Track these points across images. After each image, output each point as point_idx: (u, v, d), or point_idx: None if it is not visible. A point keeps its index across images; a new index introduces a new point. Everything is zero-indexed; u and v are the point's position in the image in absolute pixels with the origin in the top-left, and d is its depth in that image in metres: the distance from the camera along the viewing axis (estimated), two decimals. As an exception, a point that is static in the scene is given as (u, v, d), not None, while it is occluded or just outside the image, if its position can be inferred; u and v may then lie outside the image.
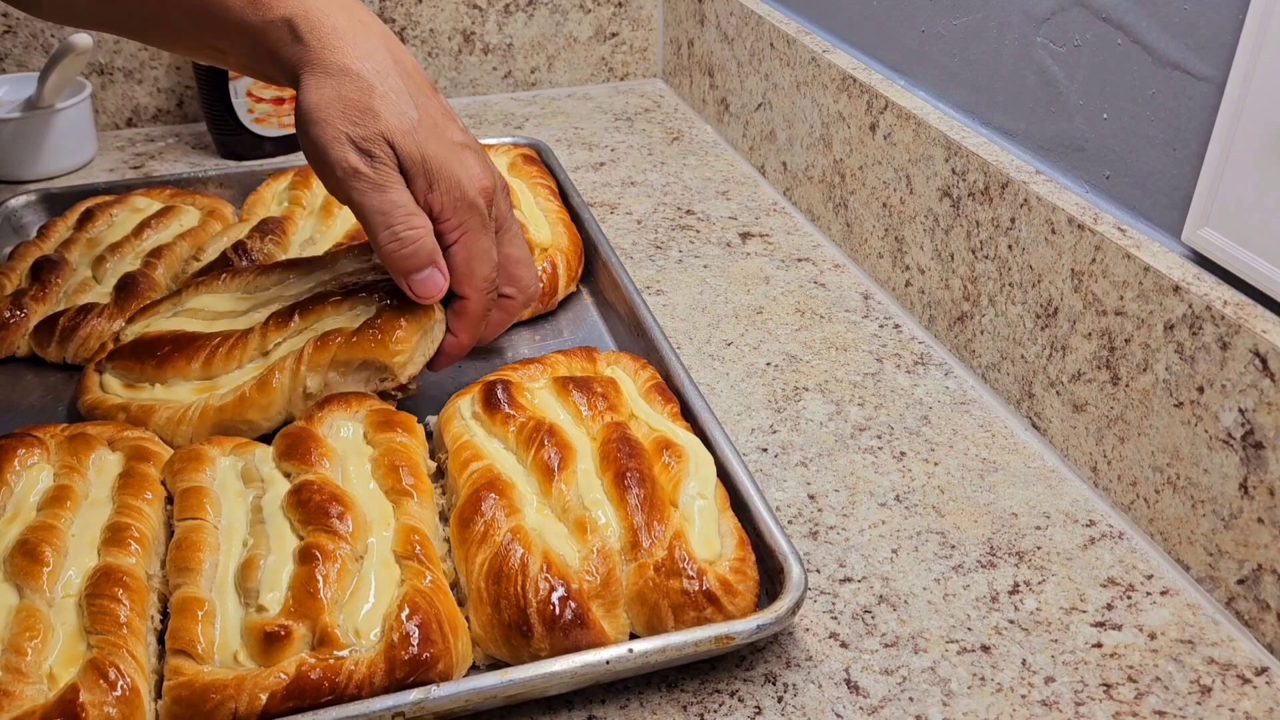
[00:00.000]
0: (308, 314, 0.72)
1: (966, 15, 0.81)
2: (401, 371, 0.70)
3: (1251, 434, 0.57)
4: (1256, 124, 0.57)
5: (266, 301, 0.76)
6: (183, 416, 0.69)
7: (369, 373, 0.70)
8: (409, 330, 0.70)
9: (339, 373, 0.70)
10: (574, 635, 0.55)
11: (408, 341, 0.69)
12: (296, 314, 0.72)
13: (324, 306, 0.72)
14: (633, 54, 1.37)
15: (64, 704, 0.49)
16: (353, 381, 0.70)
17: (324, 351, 0.69)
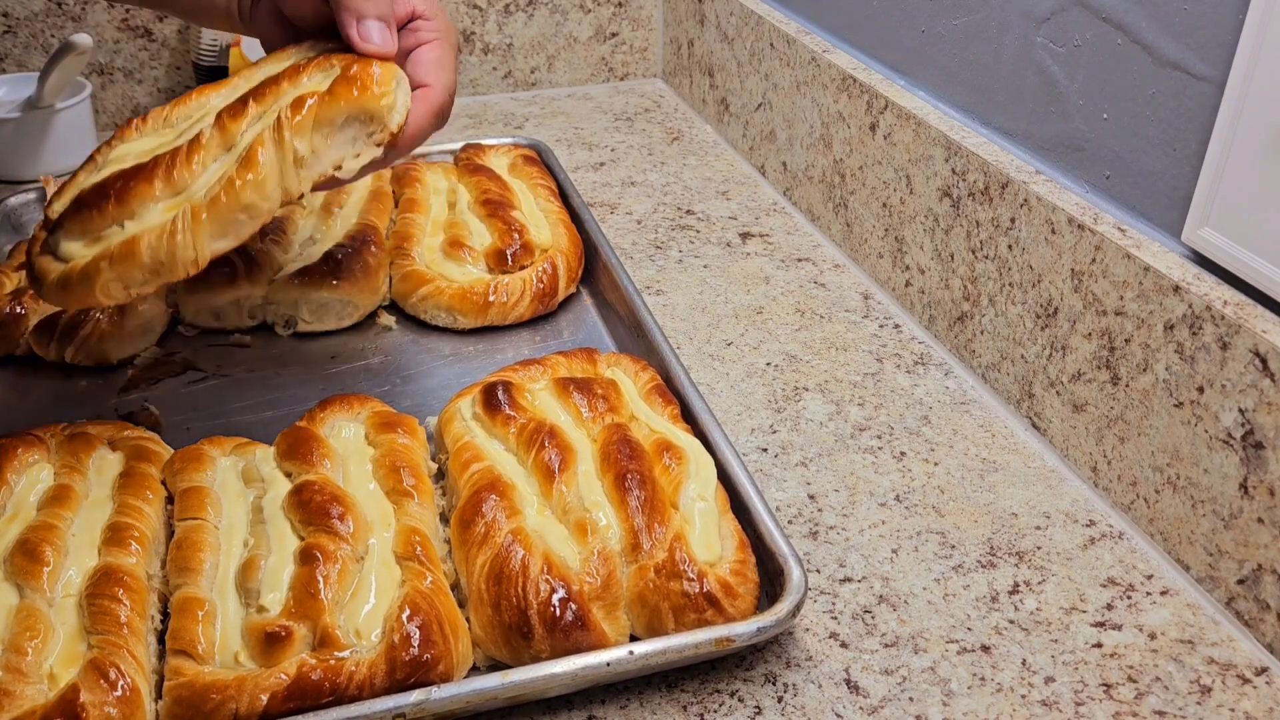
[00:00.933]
0: (263, 97, 0.63)
1: (966, 15, 0.81)
2: (390, 117, 0.63)
3: (1251, 434, 0.57)
4: (1256, 124, 0.57)
5: (198, 120, 0.65)
6: (172, 229, 0.59)
7: (355, 129, 0.63)
8: (386, 72, 0.64)
9: (323, 135, 0.62)
10: (574, 637, 0.55)
11: (388, 83, 0.64)
12: (251, 100, 0.63)
13: (279, 85, 0.64)
14: (633, 54, 1.37)
15: (64, 704, 0.49)
16: (339, 143, 0.63)
17: (307, 112, 0.61)
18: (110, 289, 0.59)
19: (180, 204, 0.60)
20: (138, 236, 0.59)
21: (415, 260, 0.87)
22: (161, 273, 0.59)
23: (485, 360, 0.82)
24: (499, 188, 0.94)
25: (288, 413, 0.74)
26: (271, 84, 0.64)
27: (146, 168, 0.61)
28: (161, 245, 0.59)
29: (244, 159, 0.60)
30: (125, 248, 0.59)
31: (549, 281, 0.86)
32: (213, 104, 0.66)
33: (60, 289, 0.59)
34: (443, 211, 0.94)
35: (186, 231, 0.59)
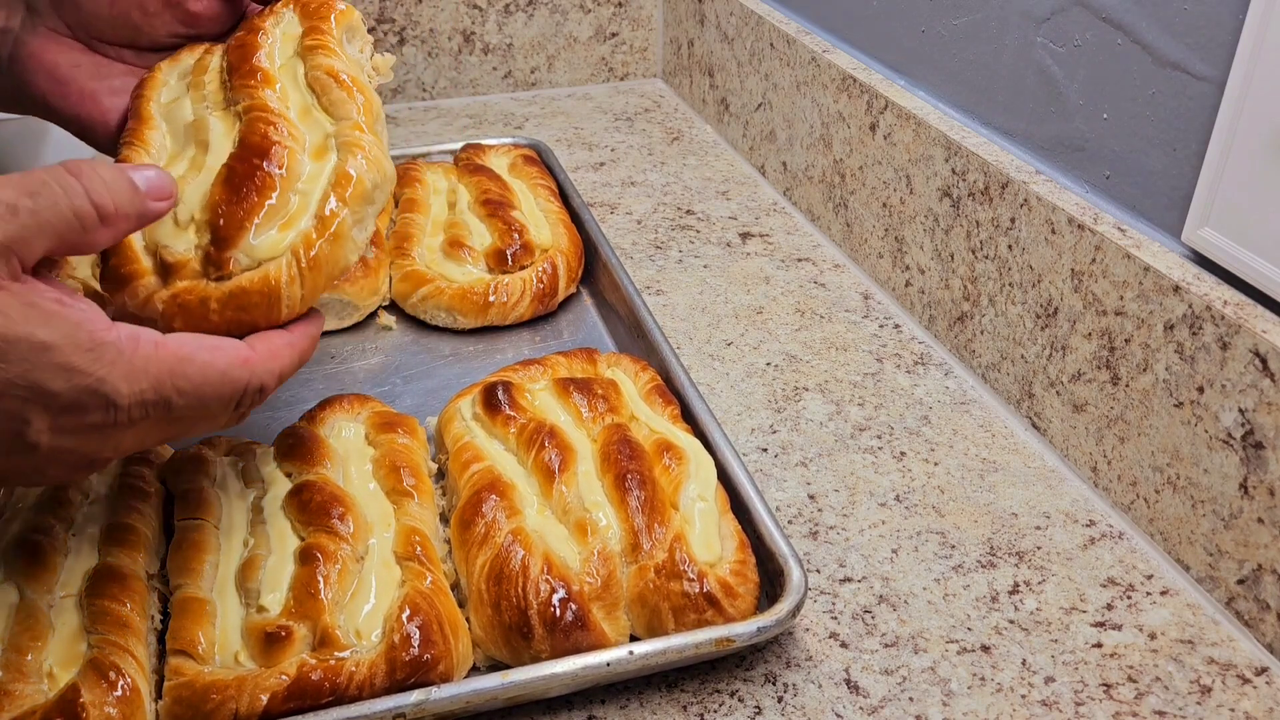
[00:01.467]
0: (257, 58, 0.60)
1: (966, 15, 0.81)
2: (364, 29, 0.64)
3: (1251, 434, 0.57)
4: (1256, 124, 0.57)
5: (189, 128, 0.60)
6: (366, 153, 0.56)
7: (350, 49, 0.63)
8: None
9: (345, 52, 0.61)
10: (575, 637, 0.55)
11: None
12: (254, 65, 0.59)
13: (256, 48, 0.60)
14: (633, 54, 1.37)
15: (64, 703, 0.49)
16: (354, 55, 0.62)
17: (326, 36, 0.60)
18: (354, 238, 0.56)
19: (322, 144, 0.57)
20: (345, 171, 0.55)
21: (415, 260, 0.87)
22: (377, 199, 0.57)
23: (485, 360, 0.82)
24: (499, 188, 0.94)
25: (287, 413, 0.74)
26: (247, 52, 0.60)
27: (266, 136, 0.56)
28: (373, 167, 0.56)
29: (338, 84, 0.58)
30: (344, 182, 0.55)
31: (549, 281, 0.86)
32: (172, 99, 0.61)
33: (311, 270, 0.54)
34: (443, 211, 0.94)
35: (375, 146, 0.57)
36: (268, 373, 0.51)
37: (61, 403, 0.44)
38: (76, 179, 0.46)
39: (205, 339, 0.49)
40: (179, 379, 0.47)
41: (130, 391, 0.46)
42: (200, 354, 0.48)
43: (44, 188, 0.44)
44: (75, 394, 0.44)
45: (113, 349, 0.45)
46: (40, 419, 0.44)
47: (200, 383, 0.48)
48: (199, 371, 0.48)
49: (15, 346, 0.43)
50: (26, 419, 0.44)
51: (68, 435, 0.45)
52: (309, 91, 0.59)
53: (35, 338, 0.43)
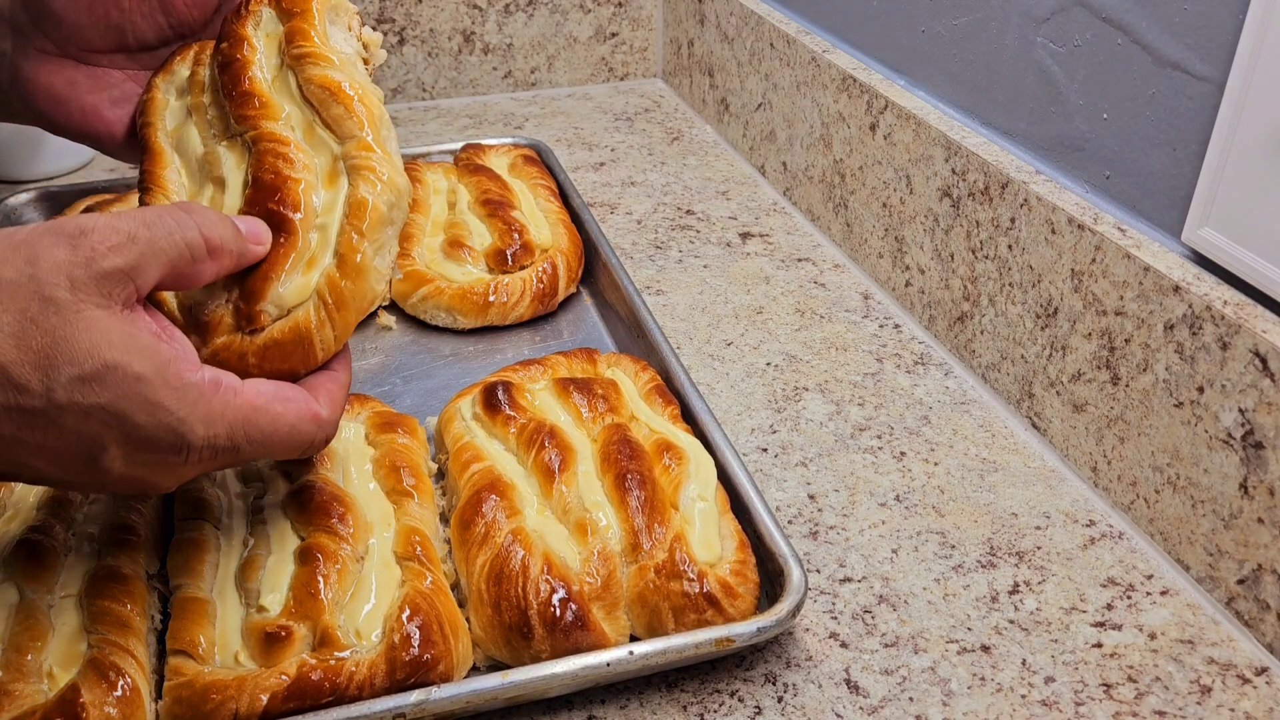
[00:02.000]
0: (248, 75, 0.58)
1: (966, 15, 0.81)
2: (349, 7, 0.62)
3: (1251, 434, 0.57)
4: (1256, 124, 0.57)
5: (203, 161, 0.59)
6: (378, 173, 0.55)
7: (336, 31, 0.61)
8: None
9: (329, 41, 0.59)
10: (575, 637, 0.55)
11: None
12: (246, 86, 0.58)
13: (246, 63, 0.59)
14: (633, 54, 1.37)
15: (64, 703, 0.49)
16: (337, 41, 0.60)
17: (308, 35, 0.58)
18: (378, 267, 0.55)
19: (331, 167, 0.56)
20: (360, 199, 0.54)
21: (415, 260, 0.87)
22: (396, 217, 0.56)
23: (485, 360, 0.82)
24: (499, 188, 0.94)
25: (288, 413, 0.74)
26: (238, 69, 0.58)
27: (278, 176, 0.55)
28: (387, 189, 0.55)
29: (335, 98, 0.56)
30: (360, 212, 0.54)
31: (549, 281, 0.86)
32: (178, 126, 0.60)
33: (338, 308, 0.54)
34: (443, 211, 0.94)
35: (386, 163, 0.55)
36: (332, 424, 0.53)
37: (140, 435, 0.46)
38: (188, 214, 0.49)
39: (281, 390, 0.51)
40: (250, 428, 0.49)
41: (205, 434, 0.47)
42: (273, 406, 0.50)
43: (159, 219, 0.47)
44: (155, 429, 0.46)
45: (195, 391, 0.47)
46: (117, 448, 0.46)
47: (270, 433, 0.50)
48: (270, 422, 0.50)
49: (113, 373, 0.44)
50: (104, 445, 0.45)
51: (138, 466, 0.47)
52: (307, 106, 0.57)
53: (132, 369, 0.45)
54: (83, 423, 0.45)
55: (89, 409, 0.44)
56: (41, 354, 0.43)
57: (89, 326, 0.44)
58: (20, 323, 0.43)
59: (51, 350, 0.43)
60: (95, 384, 0.44)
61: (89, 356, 0.44)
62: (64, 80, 0.61)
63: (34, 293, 0.43)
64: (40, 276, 0.44)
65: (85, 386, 0.44)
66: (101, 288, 0.45)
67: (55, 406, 0.44)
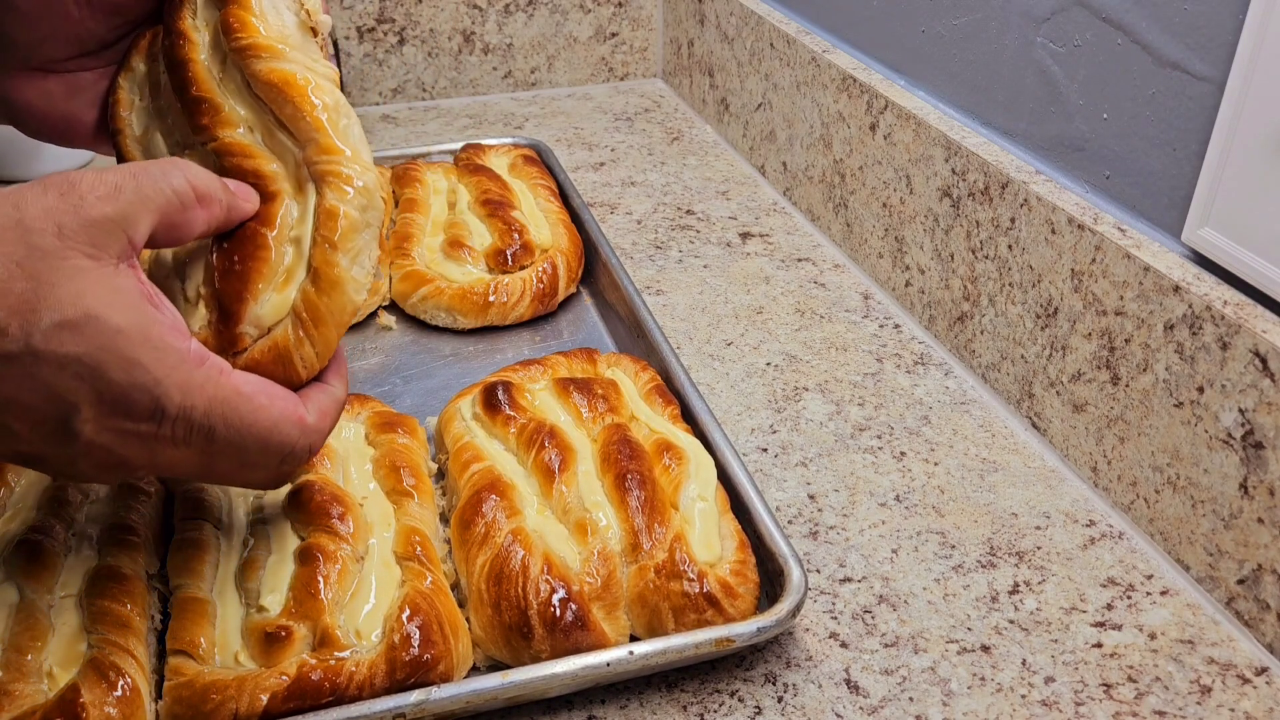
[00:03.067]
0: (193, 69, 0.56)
1: (966, 15, 0.81)
2: None
3: (1251, 434, 0.57)
4: (1256, 124, 0.57)
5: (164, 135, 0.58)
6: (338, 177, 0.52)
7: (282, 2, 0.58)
8: None
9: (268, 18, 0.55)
10: (575, 637, 0.55)
11: None
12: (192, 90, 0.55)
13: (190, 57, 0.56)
14: (633, 54, 1.37)
15: (64, 703, 0.49)
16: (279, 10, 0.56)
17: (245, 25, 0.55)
18: (355, 277, 0.53)
19: (296, 172, 0.54)
20: (332, 207, 0.52)
21: (415, 260, 0.87)
22: (371, 219, 0.53)
23: (485, 360, 0.82)
24: (499, 188, 0.94)
25: (288, 413, 0.74)
26: (186, 72, 0.56)
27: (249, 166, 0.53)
28: (357, 194, 0.53)
29: (282, 94, 0.53)
30: (330, 222, 0.52)
31: (549, 281, 0.86)
32: (144, 130, 0.59)
33: (315, 323, 0.52)
34: (443, 211, 0.94)
35: (351, 163, 0.53)
36: (319, 434, 0.51)
37: (114, 393, 0.44)
38: (174, 165, 0.48)
39: (270, 386, 0.49)
40: (230, 411, 0.47)
41: (180, 403, 0.45)
42: (258, 397, 0.48)
43: (145, 170, 0.47)
44: (129, 389, 0.44)
45: (177, 355, 0.45)
46: (89, 407, 0.44)
47: (250, 424, 0.48)
48: (251, 412, 0.48)
49: (93, 323, 0.43)
50: (77, 405, 0.44)
51: (110, 433, 0.45)
52: (260, 105, 0.54)
53: (112, 320, 0.43)
54: (57, 375, 0.43)
55: (64, 359, 0.43)
56: (23, 299, 0.42)
57: (74, 274, 0.43)
58: (4, 266, 0.42)
59: (33, 296, 0.42)
60: (73, 332, 0.43)
61: (71, 304, 0.42)
62: (38, 92, 0.60)
63: (20, 238, 0.42)
64: (27, 223, 0.43)
65: (63, 334, 0.42)
66: (92, 237, 0.43)
67: (32, 353, 0.42)
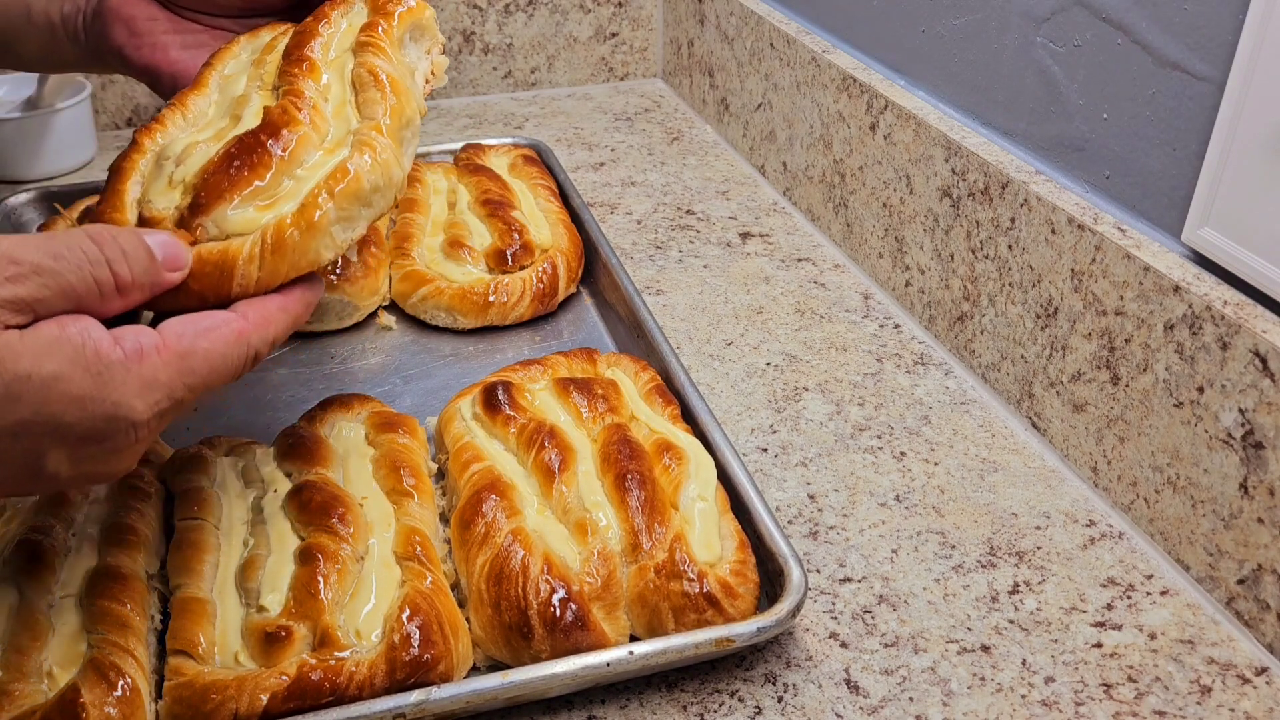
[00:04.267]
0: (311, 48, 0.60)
1: (966, 15, 0.81)
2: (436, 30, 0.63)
3: (1251, 434, 0.57)
4: (1256, 124, 0.57)
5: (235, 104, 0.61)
6: (373, 151, 0.55)
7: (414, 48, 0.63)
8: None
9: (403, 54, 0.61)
10: (575, 637, 0.55)
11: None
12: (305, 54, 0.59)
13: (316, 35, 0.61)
14: (633, 54, 1.37)
15: (64, 703, 0.49)
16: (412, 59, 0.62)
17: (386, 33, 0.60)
18: (334, 235, 0.54)
19: (342, 139, 0.56)
20: (344, 166, 0.54)
21: (415, 260, 0.87)
22: (375, 202, 0.55)
23: (485, 360, 0.82)
24: (499, 188, 0.94)
25: (287, 413, 0.74)
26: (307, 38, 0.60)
27: (282, 118, 0.56)
28: (376, 169, 0.55)
29: (375, 83, 0.57)
30: (340, 177, 0.54)
31: (549, 281, 0.86)
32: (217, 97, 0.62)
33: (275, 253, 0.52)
34: (443, 211, 0.94)
35: (388, 149, 0.56)
36: (262, 341, 0.50)
37: (78, 433, 0.43)
38: (99, 248, 0.45)
39: (199, 323, 0.48)
40: (186, 375, 0.47)
41: (146, 407, 0.45)
42: (199, 344, 0.47)
43: (69, 252, 0.44)
44: (91, 423, 0.43)
45: (119, 369, 0.44)
46: (57, 451, 0.44)
47: (206, 372, 0.47)
48: (202, 362, 0.47)
49: (26, 384, 0.41)
50: (43, 454, 0.43)
51: (87, 462, 0.45)
52: (350, 88, 0.58)
53: (43, 370, 0.42)
54: (13, 443, 0.42)
55: (14, 427, 0.42)
56: None
57: None
58: None
59: None
60: (10, 403, 0.41)
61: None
62: (146, 14, 0.64)
63: None
64: None
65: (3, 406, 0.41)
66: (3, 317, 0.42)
67: None
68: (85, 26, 0.67)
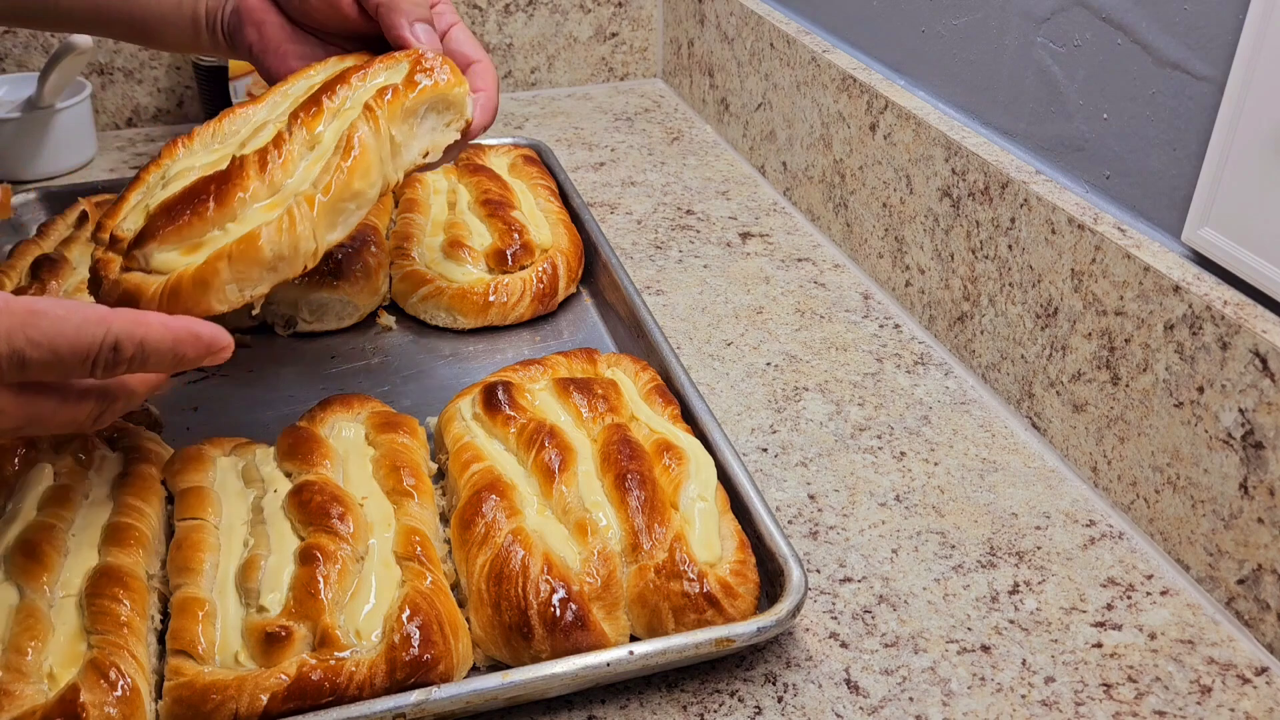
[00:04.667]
0: (333, 94, 0.63)
1: (966, 15, 0.81)
2: (464, 107, 0.65)
3: (1251, 434, 0.57)
4: (1256, 124, 0.57)
5: (253, 132, 0.65)
6: (291, 221, 0.58)
7: (434, 119, 0.65)
8: (453, 66, 0.65)
9: (409, 124, 0.63)
10: (575, 637, 0.55)
11: (459, 72, 0.66)
12: (323, 97, 0.63)
13: (347, 83, 0.64)
14: (633, 54, 1.37)
15: (64, 704, 0.49)
16: (424, 131, 0.64)
17: (395, 100, 0.62)
18: (226, 292, 0.57)
19: (283, 201, 0.59)
20: (254, 234, 0.57)
21: (415, 260, 0.87)
22: (280, 269, 0.58)
23: (485, 360, 0.82)
24: (499, 188, 0.94)
25: (287, 413, 0.74)
26: (338, 83, 0.64)
27: (236, 170, 0.60)
28: (282, 239, 0.57)
29: (344, 147, 0.60)
30: (245, 245, 0.57)
31: (549, 282, 0.86)
32: (257, 117, 0.66)
33: (171, 298, 0.56)
34: (443, 211, 0.94)
35: (306, 220, 0.58)
36: (126, 334, 0.50)
37: None
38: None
39: (63, 301, 0.49)
40: (30, 329, 0.47)
41: None
42: (54, 309, 0.48)
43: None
44: None
45: None
46: None
47: (54, 335, 0.47)
48: (52, 324, 0.47)
49: None
50: None
51: None
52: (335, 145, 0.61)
53: None
54: None
55: None
56: None
57: None
58: None
59: None
60: None
61: None
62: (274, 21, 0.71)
63: None
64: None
65: None
66: None
67: None
68: (224, 23, 0.73)
